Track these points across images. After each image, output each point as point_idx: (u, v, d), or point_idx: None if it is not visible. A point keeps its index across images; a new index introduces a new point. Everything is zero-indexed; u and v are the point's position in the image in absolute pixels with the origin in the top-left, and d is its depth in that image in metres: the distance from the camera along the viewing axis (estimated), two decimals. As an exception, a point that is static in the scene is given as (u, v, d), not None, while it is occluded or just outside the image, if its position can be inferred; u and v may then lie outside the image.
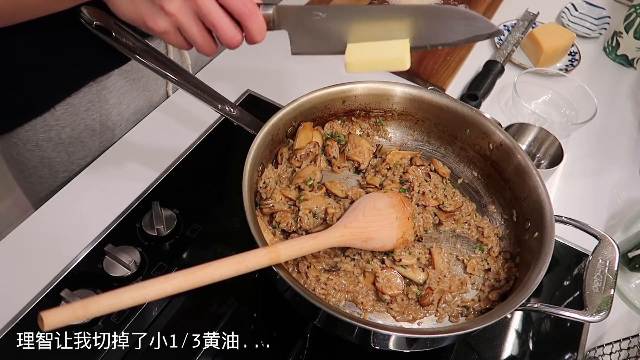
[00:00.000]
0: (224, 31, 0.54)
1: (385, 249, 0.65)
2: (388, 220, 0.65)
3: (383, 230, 0.64)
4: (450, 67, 1.08)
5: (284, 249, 0.55)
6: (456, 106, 0.77)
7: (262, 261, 0.53)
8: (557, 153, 0.90)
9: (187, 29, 0.54)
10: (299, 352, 0.68)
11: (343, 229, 0.61)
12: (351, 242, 0.62)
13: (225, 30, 0.54)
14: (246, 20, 0.54)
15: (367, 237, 0.62)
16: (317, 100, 0.75)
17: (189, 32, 0.54)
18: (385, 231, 0.64)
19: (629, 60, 1.17)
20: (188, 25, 0.54)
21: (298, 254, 0.58)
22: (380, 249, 0.65)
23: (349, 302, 0.66)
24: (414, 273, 0.67)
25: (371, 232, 0.63)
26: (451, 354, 0.71)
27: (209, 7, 0.53)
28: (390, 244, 0.65)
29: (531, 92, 1.05)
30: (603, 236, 0.65)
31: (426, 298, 0.66)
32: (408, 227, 0.67)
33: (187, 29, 0.54)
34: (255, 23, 0.55)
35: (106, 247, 0.70)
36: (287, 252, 0.55)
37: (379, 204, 0.66)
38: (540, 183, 0.68)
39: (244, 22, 0.54)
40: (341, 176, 0.78)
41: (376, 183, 0.74)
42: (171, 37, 0.55)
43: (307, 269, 0.66)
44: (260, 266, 0.53)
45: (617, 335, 0.71)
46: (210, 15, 0.53)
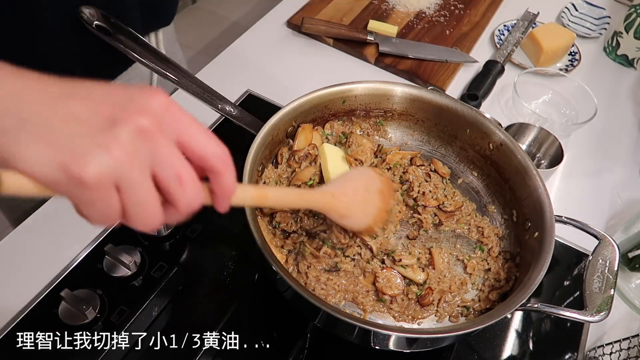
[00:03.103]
0: (188, 189, 0.37)
1: (350, 229, 0.63)
2: (369, 205, 0.62)
3: (361, 214, 0.61)
4: (450, 67, 1.08)
5: (271, 191, 0.52)
6: (456, 106, 0.77)
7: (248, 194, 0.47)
8: (557, 153, 0.90)
9: (134, 182, 0.34)
10: (299, 352, 0.68)
11: (330, 198, 0.58)
12: (329, 212, 0.59)
13: (190, 187, 0.37)
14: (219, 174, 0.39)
15: (345, 214, 0.59)
16: (317, 100, 0.75)
17: (135, 188, 0.34)
18: (361, 215, 0.61)
19: (629, 60, 1.17)
20: (137, 176, 0.34)
21: (281, 201, 0.54)
22: (345, 226, 0.62)
23: (349, 302, 0.66)
24: (414, 273, 0.67)
25: (351, 211, 0.60)
26: (451, 354, 0.71)
27: (171, 152, 0.36)
28: (357, 228, 0.62)
29: (531, 92, 1.05)
30: (603, 236, 0.65)
31: (426, 298, 0.66)
32: (380, 219, 0.63)
33: (132, 182, 0.34)
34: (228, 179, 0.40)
35: (106, 247, 0.70)
36: (273, 195, 0.52)
37: (371, 186, 0.63)
38: (540, 183, 0.68)
39: (217, 176, 0.39)
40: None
41: None
42: (99, 195, 0.33)
43: (307, 269, 0.66)
44: (245, 201, 0.48)
45: (617, 335, 0.71)
46: (174, 164, 0.36)
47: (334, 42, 1.11)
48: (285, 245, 0.68)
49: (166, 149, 0.36)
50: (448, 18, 1.21)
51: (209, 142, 0.38)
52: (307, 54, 1.09)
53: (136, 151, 0.34)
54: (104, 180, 0.32)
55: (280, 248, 0.68)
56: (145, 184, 0.35)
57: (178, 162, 0.36)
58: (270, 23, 1.16)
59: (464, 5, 1.25)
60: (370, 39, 1.09)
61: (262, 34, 1.13)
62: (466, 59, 1.10)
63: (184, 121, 0.37)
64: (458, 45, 1.14)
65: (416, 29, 1.17)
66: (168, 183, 0.36)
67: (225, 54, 1.07)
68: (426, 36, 1.15)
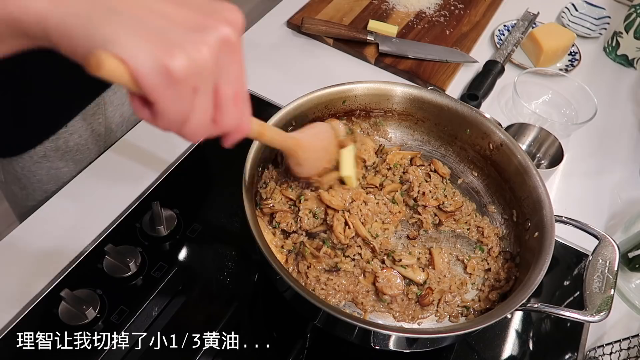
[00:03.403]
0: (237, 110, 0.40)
1: (296, 173, 0.66)
2: (320, 161, 0.66)
3: (311, 167, 0.65)
4: (450, 67, 1.08)
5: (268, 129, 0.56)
6: (456, 106, 0.77)
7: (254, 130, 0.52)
8: (557, 153, 0.90)
9: (208, 87, 0.36)
10: (299, 352, 0.68)
11: (298, 148, 0.62)
12: (291, 157, 0.62)
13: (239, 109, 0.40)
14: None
15: (301, 164, 0.64)
16: (317, 100, 0.75)
17: (207, 94, 0.36)
18: (311, 168, 0.66)
19: (629, 60, 1.17)
20: (211, 82, 0.36)
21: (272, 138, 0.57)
22: (293, 170, 0.65)
23: (349, 302, 0.66)
24: (414, 273, 0.67)
25: (307, 161, 0.64)
26: (451, 354, 0.71)
27: (241, 71, 0.39)
28: (301, 174, 0.66)
29: (531, 92, 1.05)
30: (603, 236, 0.65)
31: (426, 298, 0.66)
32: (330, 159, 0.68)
33: (208, 87, 0.36)
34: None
35: (106, 247, 0.70)
36: (269, 132, 0.56)
37: (329, 146, 0.67)
38: (540, 183, 0.68)
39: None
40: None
41: (376, 183, 0.74)
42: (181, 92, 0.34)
43: (307, 269, 0.66)
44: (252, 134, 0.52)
45: (617, 335, 0.71)
46: (238, 83, 0.39)
47: (334, 42, 1.11)
48: (285, 245, 0.68)
49: (238, 66, 0.38)
50: (448, 18, 1.21)
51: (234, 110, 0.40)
52: (307, 54, 1.09)
53: (218, 59, 0.35)
54: (189, 78, 0.33)
55: (280, 248, 0.68)
56: (211, 94, 0.37)
57: (242, 83, 0.39)
58: (270, 23, 1.16)
59: (464, 5, 1.25)
60: (370, 39, 1.09)
61: (262, 34, 1.13)
62: (466, 59, 1.10)
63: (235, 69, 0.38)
64: (458, 45, 1.14)
65: (416, 29, 1.17)
66: (225, 100, 0.38)
67: (225, 53, 1.07)
68: (426, 36, 1.15)
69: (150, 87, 0.33)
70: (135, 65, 0.32)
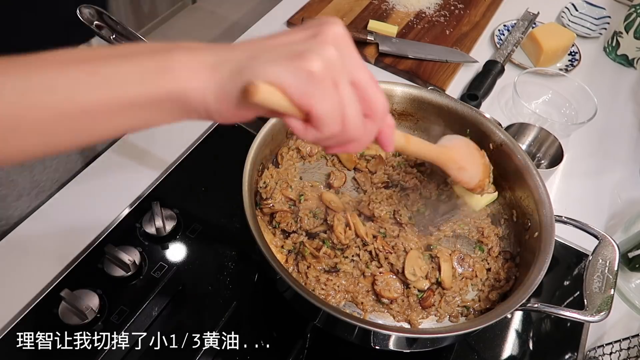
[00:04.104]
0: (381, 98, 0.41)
1: (469, 186, 0.67)
2: (476, 159, 0.68)
3: (473, 165, 0.67)
4: (450, 67, 1.08)
5: (413, 139, 0.57)
6: (456, 106, 0.77)
7: (400, 140, 0.54)
8: (557, 153, 0.90)
9: (345, 80, 0.38)
10: (299, 352, 0.68)
11: (447, 150, 0.64)
12: (449, 163, 0.64)
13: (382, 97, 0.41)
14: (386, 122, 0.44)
15: (463, 166, 0.65)
16: (317, 100, 0.75)
17: (347, 87, 0.38)
18: (474, 167, 0.67)
19: (629, 60, 1.17)
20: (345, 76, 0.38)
21: (418, 148, 0.59)
22: (465, 184, 0.67)
23: (349, 302, 0.66)
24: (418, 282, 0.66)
25: (466, 163, 0.66)
26: (451, 354, 0.71)
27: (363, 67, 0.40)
28: (474, 181, 0.67)
29: (531, 92, 1.05)
30: (603, 236, 0.65)
31: (428, 300, 0.65)
32: (487, 174, 0.69)
33: (345, 80, 0.38)
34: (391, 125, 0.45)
35: (106, 247, 0.70)
36: (414, 143, 0.57)
37: (470, 144, 0.69)
38: (540, 183, 0.68)
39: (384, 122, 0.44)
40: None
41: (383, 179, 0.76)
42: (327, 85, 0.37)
43: (307, 269, 0.66)
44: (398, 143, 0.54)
45: (617, 335, 0.71)
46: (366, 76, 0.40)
47: (334, 42, 1.10)
48: (285, 245, 0.68)
49: (357, 56, 0.40)
50: (448, 18, 1.21)
51: (379, 91, 0.41)
52: (307, 54, 1.09)
53: (340, 51, 0.38)
54: (328, 73, 0.37)
55: (280, 248, 0.68)
56: (350, 85, 0.39)
57: (366, 70, 0.40)
58: (270, 23, 1.15)
59: (464, 5, 1.25)
60: (370, 38, 1.09)
61: (262, 34, 1.12)
62: (466, 59, 1.10)
63: (358, 58, 0.40)
64: (458, 45, 1.14)
65: (416, 29, 1.17)
66: (366, 87, 0.40)
67: (225, 54, 1.07)
68: (426, 36, 1.15)
69: (301, 94, 0.36)
70: (283, 81, 0.36)
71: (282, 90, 0.36)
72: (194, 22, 2.74)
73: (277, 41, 0.39)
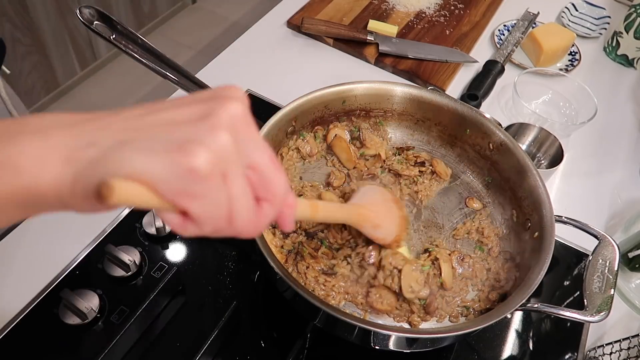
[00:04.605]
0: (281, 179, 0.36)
1: (384, 242, 0.64)
2: (392, 214, 0.65)
3: (389, 222, 0.64)
4: (450, 67, 1.08)
5: (321, 206, 0.53)
6: (456, 106, 0.77)
7: (305, 211, 0.49)
8: (557, 153, 0.90)
9: (238, 170, 0.33)
10: (299, 352, 0.68)
11: (363, 209, 0.60)
12: (364, 223, 0.61)
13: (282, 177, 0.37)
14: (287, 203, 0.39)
15: (378, 224, 0.62)
16: (317, 100, 0.75)
17: (239, 178, 0.33)
18: (389, 224, 0.64)
19: (629, 60, 1.17)
20: (239, 164, 0.33)
21: (327, 214, 0.55)
22: (380, 241, 0.63)
23: (349, 302, 0.66)
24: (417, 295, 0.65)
25: (380, 220, 0.62)
26: (451, 354, 0.71)
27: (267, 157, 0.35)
28: (390, 238, 0.64)
29: (531, 92, 1.05)
30: (603, 236, 0.65)
31: (432, 305, 0.64)
32: (404, 227, 0.66)
33: (237, 170, 0.33)
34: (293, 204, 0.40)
35: (106, 247, 0.70)
36: (323, 209, 0.53)
37: (385, 196, 0.66)
38: (540, 183, 0.68)
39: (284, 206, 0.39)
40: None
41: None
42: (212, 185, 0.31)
43: (306, 270, 0.66)
44: (303, 215, 0.50)
45: (617, 335, 0.71)
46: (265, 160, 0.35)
47: (334, 42, 1.11)
48: (285, 245, 0.68)
49: (256, 135, 0.35)
50: (448, 18, 1.21)
51: (279, 172, 0.36)
52: (307, 54, 1.09)
53: (235, 136, 0.32)
54: (214, 168, 0.30)
55: (280, 248, 0.68)
56: (243, 174, 0.33)
57: (269, 152, 0.36)
58: (270, 23, 1.16)
59: (464, 5, 1.25)
60: (370, 39, 1.09)
61: (262, 34, 1.13)
62: (466, 59, 1.10)
63: (258, 139, 0.35)
64: (458, 45, 1.14)
65: (416, 29, 1.17)
66: (265, 169, 0.35)
67: (225, 54, 1.07)
68: (426, 36, 1.15)
69: (176, 194, 0.30)
70: (152, 177, 0.29)
71: (151, 187, 0.30)
72: (194, 22, 2.74)
73: (159, 118, 0.32)
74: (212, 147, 0.30)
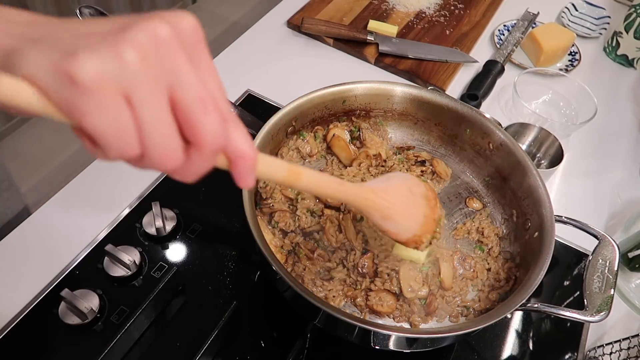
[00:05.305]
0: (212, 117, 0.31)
1: (397, 238, 0.55)
2: (416, 209, 0.55)
3: (406, 217, 0.54)
4: (450, 67, 1.08)
5: (307, 173, 0.44)
6: (456, 106, 0.77)
7: (277, 173, 0.42)
8: (557, 153, 0.90)
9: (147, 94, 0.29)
10: (299, 352, 0.68)
11: (370, 193, 0.51)
12: (370, 210, 0.52)
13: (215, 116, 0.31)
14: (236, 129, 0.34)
15: (388, 216, 0.52)
16: (317, 100, 0.75)
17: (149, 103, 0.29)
18: (407, 219, 0.54)
19: (629, 60, 1.17)
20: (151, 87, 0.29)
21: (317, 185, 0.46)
22: (392, 236, 0.55)
23: (349, 302, 0.66)
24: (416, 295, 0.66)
25: (394, 213, 0.53)
26: (451, 354, 0.71)
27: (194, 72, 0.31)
28: (404, 236, 0.55)
29: (531, 92, 1.05)
30: (603, 236, 0.65)
31: (432, 305, 0.65)
32: (429, 228, 0.56)
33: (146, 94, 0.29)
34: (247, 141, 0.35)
35: (106, 247, 0.70)
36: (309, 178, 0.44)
37: (415, 189, 0.56)
38: (540, 183, 0.68)
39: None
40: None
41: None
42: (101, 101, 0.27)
43: (303, 271, 0.66)
44: (273, 177, 0.42)
45: (617, 335, 0.71)
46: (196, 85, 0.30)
47: (334, 42, 1.11)
48: (284, 246, 0.68)
49: (188, 67, 0.30)
50: (448, 18, 1.21)
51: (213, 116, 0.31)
52: (307, 54, 1.09)
53: (151, 58, 0.28)
54: (104, 83, 0.27)
55: (280, 248, 0.68)
56: (162, 102, 0.29)
57: (200, 84, 0.31)
58: (270, 23, 1.16)
59: (464, 5, 1.25)
60: (370, 39, 1.09)
61: (262, 34, 1.13)
62: (466, 59, 1.10)
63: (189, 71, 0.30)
64: (458, 45, 1.14)
65: (416, 29, 1.17)
66: (189, 107, 0.30)
67: (225, 54, 1.07)
68: (426, 36, 1.15)
69: (66, 104, 0.27)
70: (38, 78, 0.27)
71: (42, 91, 0.27)
72: (194, 22, 2.74)
73: (85, 27, 0.30)
74: (105, 60, 0.27)
